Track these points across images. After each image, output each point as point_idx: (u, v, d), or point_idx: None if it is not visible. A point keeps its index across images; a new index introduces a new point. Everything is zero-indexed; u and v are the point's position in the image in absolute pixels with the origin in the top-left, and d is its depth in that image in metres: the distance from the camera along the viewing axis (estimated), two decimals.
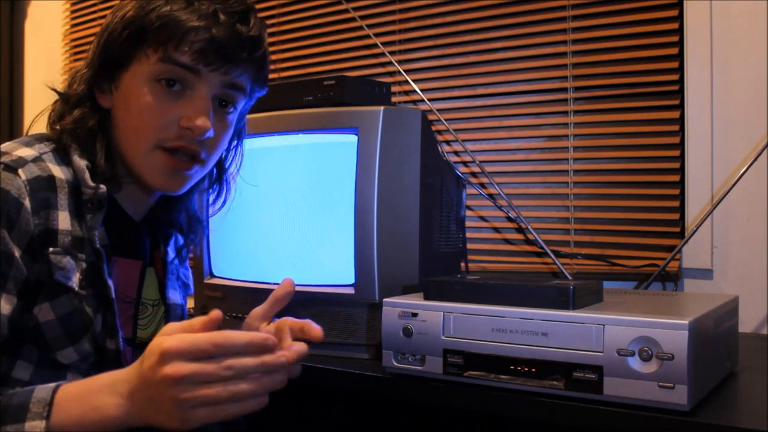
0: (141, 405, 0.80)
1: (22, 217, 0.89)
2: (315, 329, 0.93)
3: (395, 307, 1.09)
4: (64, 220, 0.94)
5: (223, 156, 1.14)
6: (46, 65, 2.89)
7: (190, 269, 1.25)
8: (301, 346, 0.85)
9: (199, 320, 0.81)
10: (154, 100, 0.96)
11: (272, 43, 2.16)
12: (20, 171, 0.91)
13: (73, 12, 2.80)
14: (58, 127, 1.00)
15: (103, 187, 0.96)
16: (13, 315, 0.89)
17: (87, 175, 0.96)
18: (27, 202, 0.90)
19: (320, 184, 1.33)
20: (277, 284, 0.99)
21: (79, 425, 0.81)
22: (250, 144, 1.18)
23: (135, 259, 1.08)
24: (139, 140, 0.98)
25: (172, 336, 0.78)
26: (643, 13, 1.63)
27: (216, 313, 0.81)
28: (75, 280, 0.94)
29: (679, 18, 1.60)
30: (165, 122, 0.97)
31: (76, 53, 2.78)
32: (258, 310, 0.98)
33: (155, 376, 0.77)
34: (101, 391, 0.82)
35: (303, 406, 1.40)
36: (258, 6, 2.16)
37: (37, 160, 0.94)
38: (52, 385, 0.83)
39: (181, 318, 1.18)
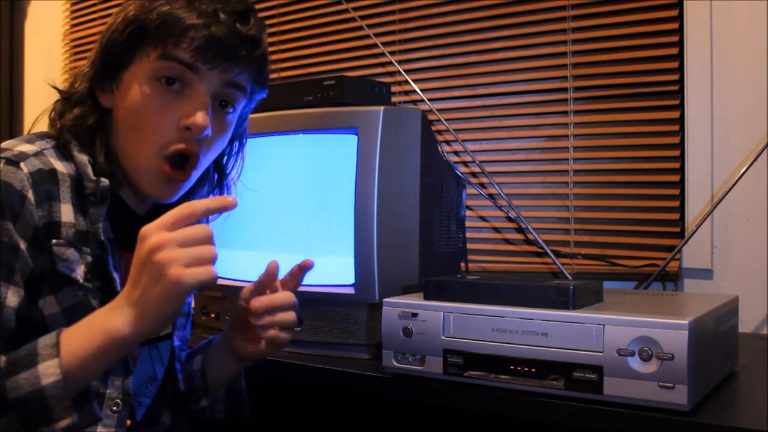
0: (140, 303, 0.84)
1: (26, 209, 0.90)
2: (305, 261, 1.04)
3: (395, 307, 1.09)
4: (66, 213, 0.94)
5: (224, 161, 1.14)
6: (46, 65, 2.89)
7: None
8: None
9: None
10: (153, 99, 0.96)
11: (272, 43, 2.16)
12: (22, 164, 0.92)
13: (73, 12, 2.80)
14: (58, 124, 1.00)
15: (105, 180, 0.96)
16: (21, 308, 0.89)
17: (89, 169, 0.97)
18: (30, 195, 0.90)
19: (320, 184, 1.33)
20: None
21: (88, 349, 0.84)
22: (249, 144, 1.18)
23: None
24: (140, 143, 0.98)
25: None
26: (643, 13, 1.63)
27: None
28: (79, 272, 0.94)
29: (679, 18, 1.60)
30: (165, 124, 0.97)
31: (76, 53, 2.78)
32: (246, 291, 1.06)
33: (142, 253, 0.83)
34: (100, 314, 0.87)
35: (303, 406, 1.40)
36: (258, 6, 2.16)
37: (38, 154, 0.95)
38: (54, 331, 0.86)
39: (188, 315, 1.18)
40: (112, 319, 0.84)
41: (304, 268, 1.06)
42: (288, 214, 1.35)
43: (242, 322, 1.07)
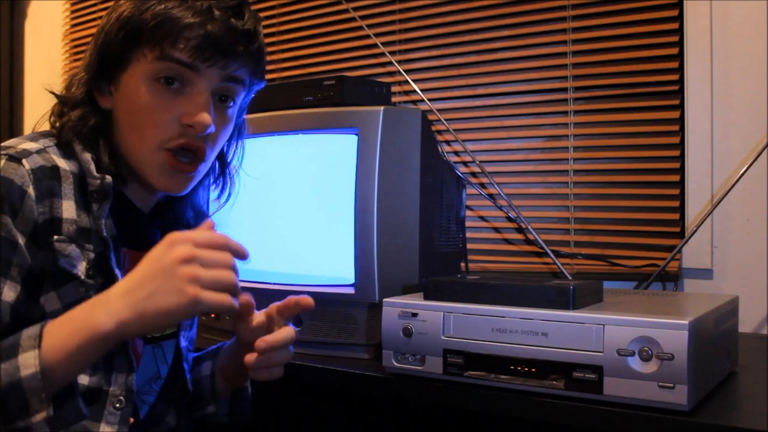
0: (140, 303, 0.82)
1: (25, 204, 0.90)
2: (305, 299, 1.01)
3: (395, 307, 1.09)
4: (68, 209, 0.94)
5: (224, 150, 1.14)
6: (47, 66, 2.89)
7: None
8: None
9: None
10: (154, 99, 0.97)
11: (272, 43, 2.16)
12: (24, 161, 0.92)
13: (73, 12, 2.80)
14: (59, 124, 1.01)
15: (108, 177, 0.97)
16: (18, 304, 0.89)
17: (92, 166, 0.97)
18: (31, 190, 0.91)
19: (320, 184, 1.33)
20: (277, 284, 1.00)
21: (69, 344, 0.82)
22: (249, 144, 1.18)
23: (145, 251, 1.08)
24: (142, 141, 0.99)
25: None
26: (643, 13, 1.63)
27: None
28: (80, 269, 0.94)
29: (679, 18, 1.60)
30: (166, 121, 0.97)
31: (76, 53, 2.78)
32: (246, 330, 1.05)
33: (166, 258, 0.83)
34: (86, 308, 0.84)
35: (303, 406, 1.40)
36: (258, 6, 2.16)
37: (41, 152, 0.95)
38: (40, 323, 0.84)
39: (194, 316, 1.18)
40: (96, 314, 0.82)
41: (301, 307, 1.03)
42: (288, 214, 1.35)
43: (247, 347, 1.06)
